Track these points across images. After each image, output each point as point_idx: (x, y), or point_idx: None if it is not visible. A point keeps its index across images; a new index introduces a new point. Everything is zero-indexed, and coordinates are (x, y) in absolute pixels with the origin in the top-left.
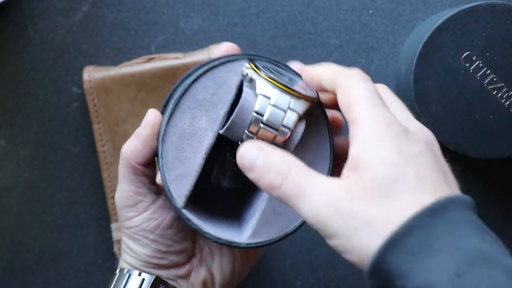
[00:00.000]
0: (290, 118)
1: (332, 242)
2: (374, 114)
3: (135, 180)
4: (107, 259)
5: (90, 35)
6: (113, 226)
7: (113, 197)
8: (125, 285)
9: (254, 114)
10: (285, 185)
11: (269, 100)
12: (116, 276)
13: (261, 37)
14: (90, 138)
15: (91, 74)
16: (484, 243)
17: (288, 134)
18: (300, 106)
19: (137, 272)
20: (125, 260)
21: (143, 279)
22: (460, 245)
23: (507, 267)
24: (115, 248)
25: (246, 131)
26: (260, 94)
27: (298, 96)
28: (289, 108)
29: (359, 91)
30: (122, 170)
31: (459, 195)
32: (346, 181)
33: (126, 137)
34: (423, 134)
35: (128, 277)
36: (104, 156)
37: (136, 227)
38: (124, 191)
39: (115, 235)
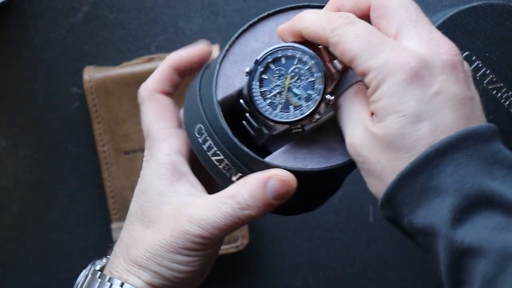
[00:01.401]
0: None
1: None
2: (378, 70)
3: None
4: None
5: (90, 35)
6: (113, 226)
7: (113, 197)
8: None
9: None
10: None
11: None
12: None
13: None
14: (90, 138)
15: (91, 74)
16: (491, 180)
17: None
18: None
19: None
20: (132, 283)
21: None
22: (463, 186)
23: (509, 205)
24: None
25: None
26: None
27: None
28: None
29: (354, 45)
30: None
31: (475, 128)
32: (367, 127)
33: (126, 137)
34: (441, 57)
35: None
36: (104, 156)
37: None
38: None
39: (115, 235)
